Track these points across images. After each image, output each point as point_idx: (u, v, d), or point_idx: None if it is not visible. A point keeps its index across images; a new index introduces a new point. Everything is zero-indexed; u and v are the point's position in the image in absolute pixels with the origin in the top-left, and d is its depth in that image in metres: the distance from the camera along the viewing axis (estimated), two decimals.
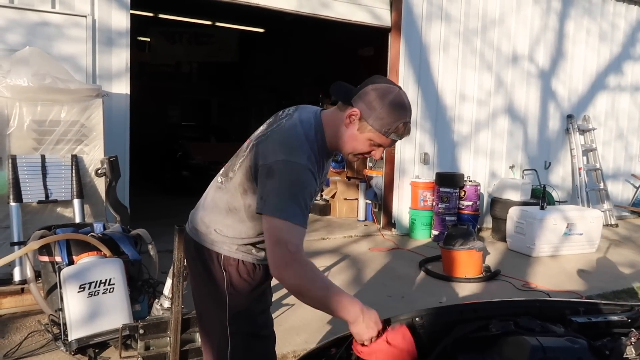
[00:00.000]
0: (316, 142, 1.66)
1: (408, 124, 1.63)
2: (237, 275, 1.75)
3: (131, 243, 3.34)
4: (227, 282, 1.74)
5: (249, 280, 1.76)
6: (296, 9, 6.41)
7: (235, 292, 1.75)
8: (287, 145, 1.60)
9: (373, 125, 1.60)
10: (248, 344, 1.79)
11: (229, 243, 1.75)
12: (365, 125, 1.61)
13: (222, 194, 1.77)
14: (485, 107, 7.66)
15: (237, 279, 1.75)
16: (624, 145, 9.40)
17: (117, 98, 5.18)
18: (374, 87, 1.61)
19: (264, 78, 15.04)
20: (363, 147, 1.66)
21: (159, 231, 4.45)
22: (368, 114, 1.59)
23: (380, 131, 1.60)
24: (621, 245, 7.02)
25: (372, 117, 1.59)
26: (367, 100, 1.60)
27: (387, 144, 1.66)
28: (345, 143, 1.68)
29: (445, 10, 7.17)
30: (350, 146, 1.67)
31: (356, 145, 1.66)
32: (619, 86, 9.16)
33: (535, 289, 4.86)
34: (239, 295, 1.75)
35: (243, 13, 8.48)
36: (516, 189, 6.96)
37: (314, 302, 1.56)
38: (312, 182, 1.60)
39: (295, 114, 1.73)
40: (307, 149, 1.62)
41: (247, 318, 1.78)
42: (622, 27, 9.03)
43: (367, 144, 1.65)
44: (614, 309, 1.79)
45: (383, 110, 1.58)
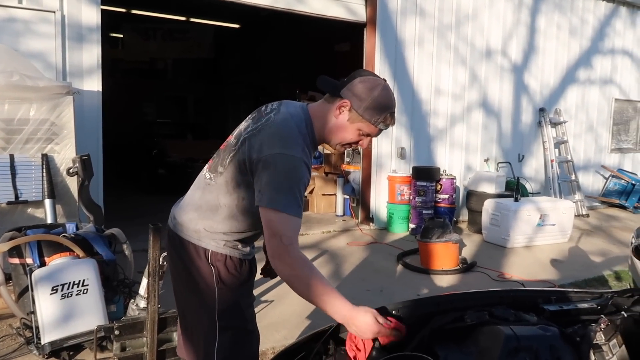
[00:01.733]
0: (308, 134, 1.73)
1: (394, 115, 1.74)
2: (225, 270, 1.77)
3: (105, 243, 3.28)
4: (216, 277, 1.76)
5: (236, 275, 1.80)
6: (271, 4, 6.36)
7: (224, 286, 1.77)
8: (282, 138, 1.64)
9: (363, 115, 1.68)
10: (236, 338, 1.81)
11: (217, 239, 1.77)
12: (356, 116, 1.69)
13: (211, 190, 1.78)
14: (460, 101, 7.75)
15: (225, 274, 1.78)
16: (594, 138, 9.64)
17: (89, 95, 5.07)
18: (362, 80, 1.69)
19: (240, 74, 14.92)
20: (352, 137, 1.74)
21: (134, 230, 4.39)
22: (358, 105, 1.67)
23: (370, 121, 1.69)
24: (592, 235, 7.21)
25: (362, 107, 1.67)
26: (356, 92, 1.68)
27: (375, 133, 1.74)
28: (334, 133, 1.75)
29: (419, 6, 7.21)
30: (340, 136, 1.75)
31: (345, 135, 1.74)
32: (589, 80, 9.38)
33: (510, 279, 4.95)
34: (228, 289, 1.78)
35: (218, 9, 8.39)
36: (491, 182, 7.07)
37: (303, 296, 1.59)
38: (306, 174, 1.65)
39: (282, 108, 1.76)
40: (301, 141, 1.67)
41: (237, 312, 1.82)
42: (591, 22, 9.24)
43: (357, 134, 1.73)
44: (584, 297, 1.83)
45: (372, 101, 1.67)
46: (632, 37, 9.93)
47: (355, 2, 6.97)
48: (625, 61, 9.91)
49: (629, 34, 9.88)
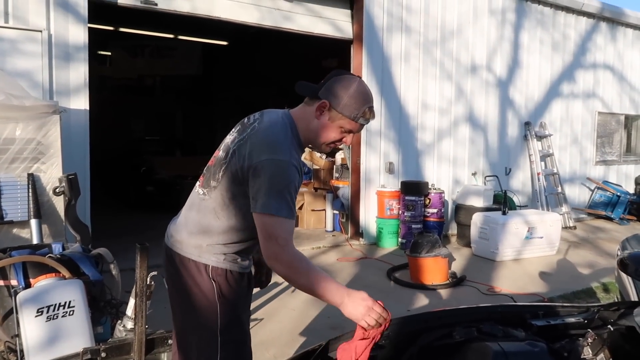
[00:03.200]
0: (294, 137, 1.79)
1: (372, 108, 1.78)
2: (226, 285, 1.81)
3: (92, 263, 3.24)
4: (217, 292, 1.80)
5: (237, 289, 1.85)
6: (258, 22, 6.42)
7: (225, 301, 1.81)
8: (269, 144, 1.70)
9: (342, 112, 1.73)
10: (238, 351, 1.85)
11: (217, 253, 1.81)
12: (335, 114, 1.74)
13: (207, 204, 1.82)
14: (446, 116, 7.84)
15: (226, 289, 1.81)
16: (579, 150, 9.79)
17: (76, 114, 5.05)
18: (337, 79, 1.76)
19: (228, 90, 14.96)
20: (335, 135, 1.79)
21: (123, 249, 4.34)
22: (336, 103, 1.73)
23: (350, 117, 1.74)
24: (580, 247, 7.27)
25: (340, 105, 1.73)
26: (333, 91, 1.74)
27: (356, 129, 1.79)
28: (318, 134, 1.80)
29: (405, 22, 7.32)
30: (324, 136, 1.80)
31: (328, 134, 1.79)
32: (572, 93, 9.55)
33: (500, 293, 4.97)
34: (229, 304, 1.82)
35: (205, 26, 8.44)
36: (479, 195, 7.12)
37: (303, 289, 1.67)
38: (296, 175, 1.70)
39: (265, 116, 1.83)
40: (288, 145, 1.73)
41: (238, 326, 1.85)
42: (572, 37, 9.44)
43: (339, 131, 1.78)
44: (571, 311, 1.85)
45: (349, 97, 1.72)
46: (612, 51, 10.16)
47: (342, 19, 7.07)
48: (607, 75, 10.12)
49: (610, 49, 10.11)
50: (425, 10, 7.51)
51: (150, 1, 5.63)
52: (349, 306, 1.57)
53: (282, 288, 4.86)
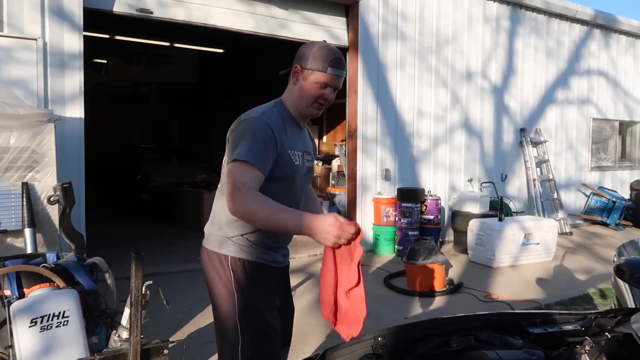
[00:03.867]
0: (276, 109, 1.93)
1: (340, 59, 1.88)
2: (242, 274, 1.90)
3: (86, 272, 3.21)
4: (234, 281, 1.89)
5: (254, 277, 1.91)
6: (254, 30, 6.44)
7: (241, 289, 1.89)
8: (242, 115, 1.90)
9: (312, 67, 1.86)
10: (256, 338, 1.89)
11: (234, 242, 1.91)
12: (307, 72, 1.87)
13: (221, 195, 1.95)
14: (442, 123, 7.86)
15: (242, 277, 1.90)
16: (574, 156, 9.83)
17: (71, 122, 5.04)
18: (302, 46, 1.94)
19: (225, 98, 14.96)
20: (313, 91, 1.88)
21: (118, 258, 4.31)
22: (304, 63, 1.87)
23: (319, 69, 1.85)
24: (576, 253, 7.28)
25: (308, 62, 1.87)
26: (300, 55, 1.91)
27: (330, 81, 1.87)
28: (300, 97, 1.91)
29: (400, 30, 7.36)
30: (305, 97, 1.90)
31: (308, 93, 1.89)
32: (567, 99, 9.60)
33: (497, 299, 4.96)
34: (246, 291, 1.89)
35: (201, 34, 8.45)
36: (475, 202, 7.13)
37: (264, 225, 1.73)
38: (265, 129, 1.79)
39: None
40: (261, 110, 1.88)
41: (255, 313, 1.89)
42: (566, 44, 9.51)
43: (316, 87, 1.88)
44: (569, 318, 1.84)
45: (314, 53, 1.87)
46: (606, 58, 10.24)
47: (338, 27, 7.09)
48: (601, 81, 10.18)
49: (604, 55, 10.18)
50: (420, 17, 7.55)
51: (146, 9, 5.64)
52: (319, 233, 1.60)
53: None
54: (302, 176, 2.01)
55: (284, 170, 1.88)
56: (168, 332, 3.90)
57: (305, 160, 2.02)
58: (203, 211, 8.35)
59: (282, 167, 1.87)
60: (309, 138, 2.15)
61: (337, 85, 1.91)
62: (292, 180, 1.95)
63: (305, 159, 2.02)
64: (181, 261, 6.12)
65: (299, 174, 1.98)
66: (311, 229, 1.61)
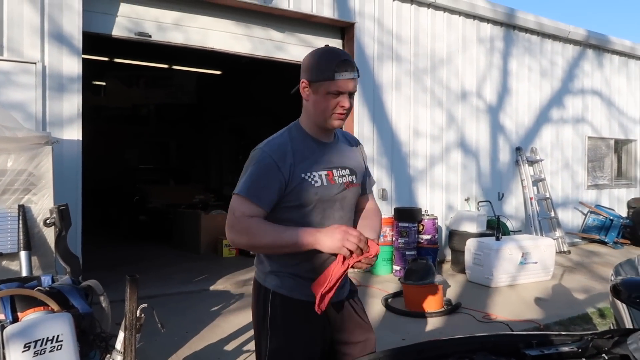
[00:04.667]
0: (287, 132, 1.84)
1: (347, 61, 1.73)
2: (280, 310, 1.81)
3: (81, 295, 3.19)
4: (270, 317, 1.81)
5: (291, 315, 1.80)
6: (251, 52, 6.52)
7: (275, 326, 1.81)
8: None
9: (318, 79, 1.73)
10: None
11: (275, 276, 1.83)
12: (315, 85, 1.74)
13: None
14: (438, 142, 7.91)
15: (279, 314, 1.81)
16: (571, 175, 9.87)
17: (69, 144, 5.06)
18: (304, 58, 1.82)
19: (223, 119, 15.06)
20: (328, 103, 1.75)
21: (114, 280, 4.29)
22: (310, 75, 1.75)
23: (327, 78, 1.71)
24: (574, 272, 7.26)
25: (313, 74, 1.74)
26: (304, 68, 1.79)
27: (342, 87, 1.73)
28: (316, 112, 1.78)
29: (395, 51, 7.46)
30: (320, 110, 1.77)
31: (323, 107, 1.76)
32: (562, 119, 9.69)
33: (496, 320, 4.92)
34: (280, 330, 1.81)
35: (199, 56, 8.55)
36: (472, 221, 7.13)
37: (269, 249, 1.74)
38: (264, 160, 1.74)
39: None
40: (269, 139, 1.83)
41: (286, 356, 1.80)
42: (560, 64, 9.64)
43: (329, 98, 1.74)
44: (565, 340, 1.83)
45: (316, 63, 1.75)
46: (600, 77, 10.37)
47: None
48: (595, 100, 10.29)
49: (597, 75, 10.32)
50: (415, 39, 7.66)
51: (144, 33, 5.72)
52: (323, 240, 1.61)
53: None
54: (335, 195, 1.83)
55: (304, 195, 1.77)
56: (163, 356, 3.85)
57: (337, 177, 1.84)
58: (200, 232, 8.34)
59: (300, 192, 1.76)
60: (347, 150, 1.96)
61: (351, 90, 1.75)
62: (322, 203, 1.80)
63: (338, 175, 1.85)
64: (178, 283, 6.08)
65: (328, 194, 1.81)
66: (316, 237, 1.64)
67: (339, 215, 1.85)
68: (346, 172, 1.88)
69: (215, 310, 5.04)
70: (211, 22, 6.19)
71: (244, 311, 5.02)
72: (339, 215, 1.85)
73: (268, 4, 6.24)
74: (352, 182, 1.90)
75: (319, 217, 1.80)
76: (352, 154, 1.96)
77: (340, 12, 6.92)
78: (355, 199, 1.95)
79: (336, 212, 1.84)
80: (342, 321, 1.94)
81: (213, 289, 5.90)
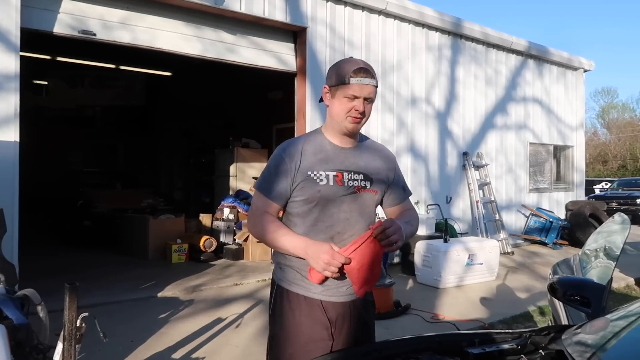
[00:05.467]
0: (307, 134, 2.04)
1: (362, 68, 1.86)
2: (280, 300, 1.94)
3: (16, 305, 3.01)
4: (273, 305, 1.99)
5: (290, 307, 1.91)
6: (201, 54, 6.41)
7: (275, 315, 1.96)
8: None
9: (336, 83, 1.88)
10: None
11: (280, 269, 1.96)
12: (333, 90, 1.90)
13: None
14: (389, 146, 7.93)
15: (279, 307, 1.94)
16: (514, 179, 10.30)
17: (4, 146, 4.79)
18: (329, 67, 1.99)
19: (173, 121, 14.72)
20: (344, 106, 1.87)
21: (55, 289, 4.08)
22: (330, 81, 1.91)
23: (343, 82, 1.85)
24: (517, 272, 7.56)
25: (332, 79, 1.90)
26: (327, 75, 1.96)
27: (357, 91, 1.85)
28: (335, 116, 1.91)
29: (347, 56, 7.51)
30: (337, 113, 1.89)
31: (339, 108, 1.88)
32: (505, 125, 10.10)
33: (444, 320, 5.05)
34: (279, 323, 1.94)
35: (148, 57, 8.33)
36: (422, 224, 7.29)
37: (272, 246, 1.90)
38: (278, 155, 1.92)
39: None
40: (290, 139, 2.00)
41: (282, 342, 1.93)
42: (504, 73, 10.05)
43: (345, 102, 1.87)
44: (506, 337, 1.90)
45: (335, 69, 1.91)
46: (540, 86, 10.89)
47: (286, 52, 7.18)
48: (536, 108, 10.80)
49: (538, 84, 10.83)
50: (367, 45, 7.78)
51: (89, 31, 5.51)
52: (310, 260, 1.77)
53: (226, 324, 4.73)
54: (341, 196, 1.89)
55: (307, 191, 1.88)
56: None
57: (347, 180, 1.91)
58: (148, 237, 8.09)
59: (303, 188, 1.88)
60: (368, 157, 2.00)
61: (366, 95, 1.85)
62: (325, 201, 1.88)
63: (348, 178, 1.91)
64: (124, 290, 5.87)
65: (333, 194, 1.88)
66: (306, 253, 1.78)
67: (344, 216, 1.91)
68: (359, 177, 1.94)
69: (163, 318, 4.90)
70: (160, 22, 6.04)
71: (194, 318, 4.90)
72: (345, 217, 1.91)
73: (219, 5, 6.16)
74: (365, 187, 1.96)
75: (322, 214, 1.90)
76: (373, 162, 2.02)
77: (292, 16, 6.93)
78: (371, 205, 2.00)
79: (342, 214, 1.91)
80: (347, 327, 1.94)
81: (161, 296, 5.74)
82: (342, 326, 1.92)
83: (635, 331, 1.76)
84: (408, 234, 1.91)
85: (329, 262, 1.71)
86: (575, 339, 1.72)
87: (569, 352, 1.59)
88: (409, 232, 1.95)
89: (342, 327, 1.91)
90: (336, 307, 1.91)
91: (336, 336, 1.89)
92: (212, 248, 7.95)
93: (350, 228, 1.91)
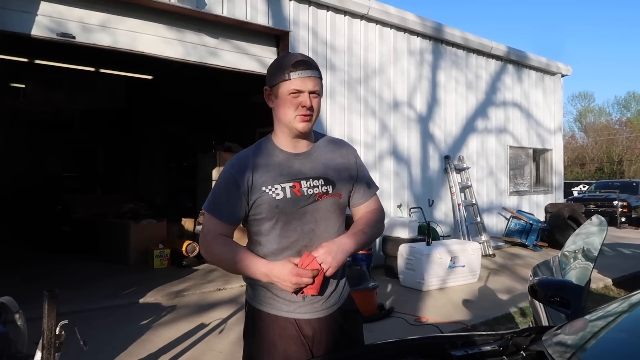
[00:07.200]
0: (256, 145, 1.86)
1: (301, 60, 1.74)
2: (250, 320, 1.87)
3: None
4: (245, 326, 1.91)
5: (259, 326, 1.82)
6: (183, 57, 6.37)
7: (247, 337, 1.89)
8: None
9: (275, 82, 1.75)
10: None
11: (250, 287, 1.88)
12: (274, 89, 1.76)
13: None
14: (372, 150, 8.09)
15: (250, 324, 1.87)
16: (495, 182, 10.43)
17: None
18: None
19: (153, 125, 14.56)
20: (289, 104, 1.73)
21: (33, 296, 4.00)
22: (270, 81, 1.78)
23: (283, 79, 1.72)
24: (499, 274, 7.65)
25: (271, 79, 1.77)
26: (266, 77, 1.81)
27: (299, 85, 1.72)
28: (282, 116, 1.77)
29: (330, 61, 7.57)
30: (284, 114, 1.75)
31: (286, 108, 1.74)
32: (486, 129, 10.24)
33: (427, 322, 5.08)
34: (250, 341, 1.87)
35: (128, 60, 8.24)
36: (404, 227, 7.34)
37: (232, 272, 1.81)
38: (227, 172, 1.78)
39: None
40: (238, 153, 1.86)
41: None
42: (484, 78, 10.20)
43: (289, 99, 1.73)
44: (488, 339, 1.92)
45: (273, 67, 1.78)
46: (519, 91, 11.07)
47: (268, 56, 7.18)
48: (515, 112, 10.98)
49: (517, 88, 11.01)
50: (349, 49, 7.82)
51: (68, 34, 5.43)
52: (278, 284, 1.68)
53: (209, 330, 4.69)
54: (302, 207, 1.77)
55: (265, 208, 1.74)
56: None
57: (306, 188, 1.77)
58: (130, 243, 7.99)
59: (261, 205, 1.74)
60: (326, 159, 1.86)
61: (310, 88, 1.72)
62: (286, 215, 1.75)
63: (307, 187, 1.77)
64: (104, 297, 5.78)
65: (293, 206, 1.75)
66: (270, 277, 1.67)
67: (309, 228, 1.78)
68: (319, 183, 1.80)
69: (145, 324, 4.84)
70: (141, 25, 5.98)
71: (176, 324, 4.85)
72: (309, 228, 1.78)
73: (201, 8, 6.13)
74: (327, 192, 1.81)
75: (285, 230, 1.76)
76: (333, 163, 1.87)
77: (274, 20, 6.93)
78: (335, 210, 1.86)
79: (306, 225, 1.78)
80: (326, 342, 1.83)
81: (143, 302, 5.66)
82: (321, 341, 1.80)
83: (613, 331, 1.80)
84: (361, 243, 1.79)
85: (297, 282, 1.62)
86: (555, 339, 1.75)
87: (549, 353, 1.62)
88: (363, 240, 1.80)
89: (320, 342, 1.80)
90: (311, 323, 1.79)
91: (316, 352, 1.78)
92: (194, 253, 7.88)
93: (317, 239, 1.77)
